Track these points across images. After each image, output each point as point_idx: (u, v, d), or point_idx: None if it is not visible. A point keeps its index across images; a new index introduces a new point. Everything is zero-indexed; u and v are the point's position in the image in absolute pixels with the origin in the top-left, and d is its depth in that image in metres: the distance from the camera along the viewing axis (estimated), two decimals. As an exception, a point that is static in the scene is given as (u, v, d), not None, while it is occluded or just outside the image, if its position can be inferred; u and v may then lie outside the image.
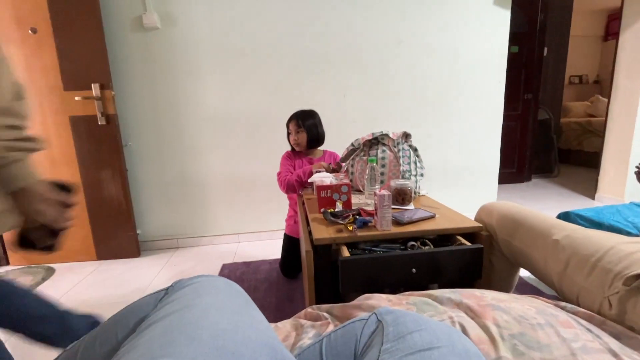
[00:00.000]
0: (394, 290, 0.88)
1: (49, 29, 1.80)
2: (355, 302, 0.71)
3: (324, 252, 0.97)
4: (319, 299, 0.96)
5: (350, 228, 0.99)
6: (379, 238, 0.98)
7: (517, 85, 3.50)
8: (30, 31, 1.80)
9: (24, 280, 1.82)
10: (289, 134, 1.75)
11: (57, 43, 1.82)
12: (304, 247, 1.00)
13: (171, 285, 0.57)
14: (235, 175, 2.23)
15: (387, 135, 1.38)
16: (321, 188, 1.15)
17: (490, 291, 0.73)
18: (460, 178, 2.49)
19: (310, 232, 1.06)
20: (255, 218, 2.30)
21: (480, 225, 1.00)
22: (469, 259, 0.91)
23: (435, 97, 2.34)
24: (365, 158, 1.42)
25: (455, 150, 2.44)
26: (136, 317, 0.52)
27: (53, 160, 1.94)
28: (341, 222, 1.04)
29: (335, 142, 1.94)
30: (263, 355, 0.39)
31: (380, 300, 0.69)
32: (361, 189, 1.43)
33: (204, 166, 2.20)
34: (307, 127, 1.68)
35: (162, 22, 2.00)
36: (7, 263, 2.02)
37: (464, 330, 0.58)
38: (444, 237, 1.03)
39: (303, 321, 0.69)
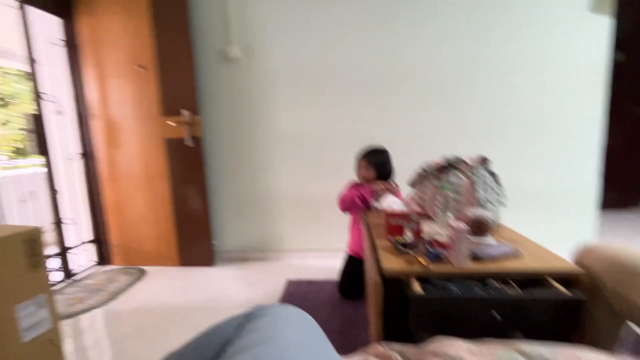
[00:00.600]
0: (471, 336, 0.80)
1: (154, 66, 2.13)
2: (431, 347, 0.67)
3: (393, 283, 0.94)
4: (386, 333, 0.93)
5: (423, 261, 0.94)
6: (455, 274, 0.92)
7: (623, 97, 3.01)
8: (140, 67, 2.15)
9: (122, 280, 2.11)
10: (358, 168, 1.81)
11: (159, 77, 2.13)
12: (372, 276, 0.98)
13: (250, 312, 0.60)
14: (302, 193, 2.32)
15: (461, 160, 1.30)
16: (390, 215, 1.12)
17: (597, 353, 0.62)
18: (549, 207, 2.20)
19: (377, 260, 1.03)
20: (319, 236, 2.34)
21: (581, 270, 0.86)
22: (565, 310, 0.79)
23: (519, 116, 2.14)
24: (436, 183, 1.35)
25: (542, 174, 2.18)
26: (221, 339, 0.57)
27: (150, 176, 2.24)
28: (412, 253, 1.00)
29: (405, 164, 1.89)
30: None
31: (460, 350, 0.63)
32: (432, 216, 1.36)
33: (275, 184, 2.33)
34: (376, 164, 1.75)
35: (243, 53, 2.21)
36: (111, 263, 2.37)
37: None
38: (532, 280, 0.91)
39: (372, 359, 0.67)
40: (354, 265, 1.78)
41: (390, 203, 1.22)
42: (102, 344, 1.48)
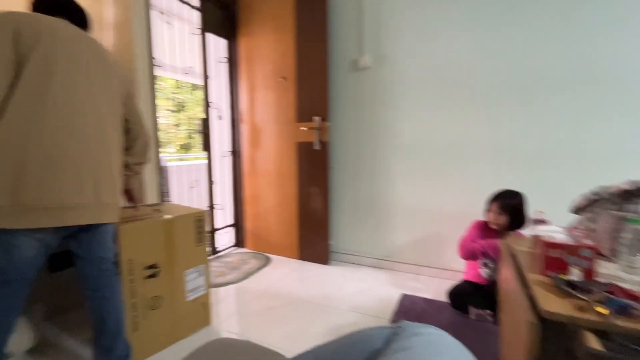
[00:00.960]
0: None
1: (293, 76, 2.37)
2: None
3: (555, 331, 0.78)
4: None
5: (602, 310, 0.75)
6: (654, 338, 0.69)
7: None
8: (282, 79, 2.43)
9: (253, 263, 2.42)
10: (488, 211, 1.71)
11: (296, 86, 2.37)
12: (521, 315, 0.83)
13: (399, 326, 0.58)
14: (422, 205, 2.20)
15: (661, 186, 0.99)
16: (551, 245, 0.94)
17: None
18: None
19: (531, 297, 0.87)
20: (437, 253, 2.18)
21: None
22: None
23: None
24: (616, 213, 1.06)
25: None
26: (367, 348, 0.56)
27: (281, 175, 2.50)
28: (582, 297, 0.81)
29: (564, 187, 1.58)
30: None
31: None
32: (605, 254, 1.08)
33: (394, 192, 2.28)
34: (510, 210, 1.63)
35: (373, 61, 2.25)
36: (244, 246, 2.75)
37: None
38: None
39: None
40: (466, 283, 1.74)
41: (549, 231, 1.02)
42: (235, 315, 1.73)
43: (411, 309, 1.73)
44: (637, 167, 1.67)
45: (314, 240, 2.42)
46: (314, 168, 2.37)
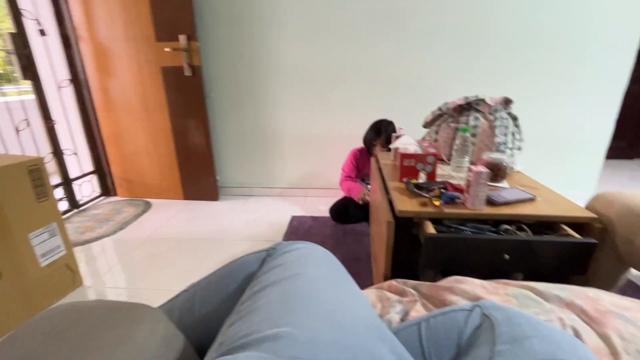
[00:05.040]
0: (477, 276, 0.83)
1: (142, -22, 1.87)
2: (445, 283, 0.69)
3: (404, 224, 0.95)
4: (394, 271, 0.96)
5: (437, 203, 0.93)
6: (469, 217, 0.92)
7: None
8: (127, -19, 1.89)
9: (129, 210, 2.15)
10: (372, 142, 1.85)
11: (149, -7, 1.89)
12: (383, 216, 0.98)
13: (272, 247, 0.60)
14: (307, 130, 2.25)
15: (482, 100, 1.22)
16: (405, 156, 1.09)
17: (607, 293, 0.65)
18: (561, 152, 2.16)
19: (390, 202, 1.03)
20: (323, 174, 2.34)
21: (594, 216, 0.87)
22: (575, 254, 0.81)
23: (538, 55, 1.98)
24: (452, 125, 1.29)
25: (558, 118, 2.10)
26: (244, 273, 0.57)
27: (148, 108, 2.13)
28: (425, 195, 0.99)
29: (417, 104, 1.80)
30: (373, 337, 0.40)
31: (474, 286, 0.65)
32: (444, 158, 1.33)
33: (278, 119, 2.24)
34: (391, 141, 1.76)
35: (244, -33, 1.94)
36: (116, 194, 2.39)
37: (577, 335, 0.53)
38: (544, 224, 0.92)
39: (389, 294, 0.70)
40: (347, 199, 1.95)
41: (405, 144, 1.17)
42: (116, 269, 1.56)
43: (300, 228, 1.87)
44: (469, 88, 2.03)
45: (198, 177, 2.26)
46: (187, 97, 2.08)
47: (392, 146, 1.32)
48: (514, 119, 1.22)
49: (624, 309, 0.58)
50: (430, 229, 0.88)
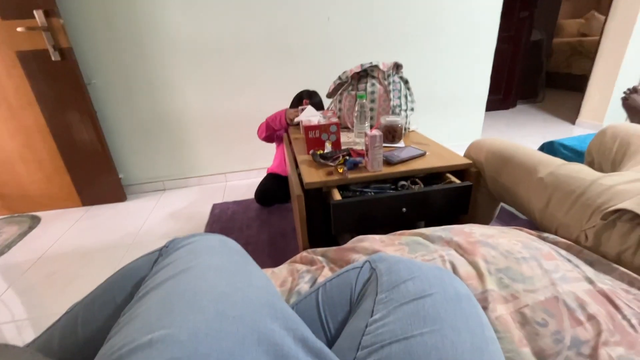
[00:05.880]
0: (385, 231, 0.91)
1: None
2: (349, 244, 0.73)
3: (315, 195, 0.97)
4: (312, 241, 0.99)
5: (341, 170, 0.97)
6: (370, 179, 0.98)
7: (512, 2, 3.24)
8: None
9: (10, 230, 1.80)
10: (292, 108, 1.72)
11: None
12: (295, 190, 0.99)
13: (165, 246, 0.56)
14: (215, 112, 2.10)
15: (376, 66, 1.28)
16: (309, 128, 1.10)
17: (479, 226, 0.76)
18: (448, 108, 2.43)
19: (299, 175, 1.04)
20: (241, 156, 2.25)
21: (470, 162, 1.00)
22: (457, 196, 0.93)
23: (422, 21, 2.14)
24: (353, 93, 1.34)
25: (443, 78, 2.33)
26: (133, 281, 0.52)
27: (9, 105, 1.75)
28: (331, 164, 1.02)
29: (321, 74, 1.81)
30: (264, 315, 0.39)
31: (373, 242, 0.71)
32: (349, 126, 1.39)
33: (180, 103, 2.04)
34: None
35: None
36: (-12, 213, 1.97)
37: (454, 268, 0.61)
38: (434, 175, 1.04)
39: (299, 266, 0.72)
40: (270, 179, 1.88)
41: (308, 116, 1.18)
42: (7, 297, 1.31)
43: (222, 215, 1.80)
44: (366, 55, 2.12)
45: (96, 178, 1.98)
46: (62, 87, 1.76)
47: (296, 120, 1.31)
48: (405, 82, 1.32)
49: (489, 236, 0.69)
50: (337, 195, 0.91)
